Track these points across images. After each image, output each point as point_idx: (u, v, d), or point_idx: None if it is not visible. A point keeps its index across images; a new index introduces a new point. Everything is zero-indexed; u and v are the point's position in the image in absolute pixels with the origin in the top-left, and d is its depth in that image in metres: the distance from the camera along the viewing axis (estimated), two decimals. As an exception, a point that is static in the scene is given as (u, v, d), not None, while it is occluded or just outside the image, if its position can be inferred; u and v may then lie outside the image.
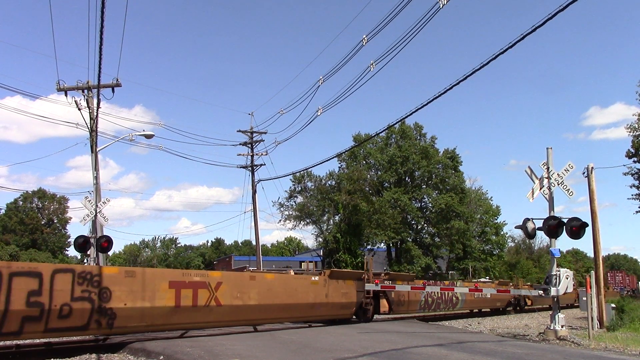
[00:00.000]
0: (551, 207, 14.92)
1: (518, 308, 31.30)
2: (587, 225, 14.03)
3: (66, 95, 24.44)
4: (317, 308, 15.79)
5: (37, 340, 11.87)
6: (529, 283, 41.78)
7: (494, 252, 68.83)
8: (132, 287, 11.24)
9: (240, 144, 38.08)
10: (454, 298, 24.08)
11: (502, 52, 12.18)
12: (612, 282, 61.22)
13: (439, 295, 22.56)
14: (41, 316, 9.89)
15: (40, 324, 9.92)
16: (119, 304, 10.99)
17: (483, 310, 29.10)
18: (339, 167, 56.69)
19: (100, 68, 13.60)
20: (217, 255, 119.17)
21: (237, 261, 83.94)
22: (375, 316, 18.74)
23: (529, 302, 32.26)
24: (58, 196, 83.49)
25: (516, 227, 15.86)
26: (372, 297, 17.97)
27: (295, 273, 18.45)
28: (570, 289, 14.93)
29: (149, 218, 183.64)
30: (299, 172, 49.83)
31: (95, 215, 19.57)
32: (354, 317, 17.64)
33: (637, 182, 37.60)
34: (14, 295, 9.50)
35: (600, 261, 22.19)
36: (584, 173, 22.26)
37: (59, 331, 10.39)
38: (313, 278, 15.99)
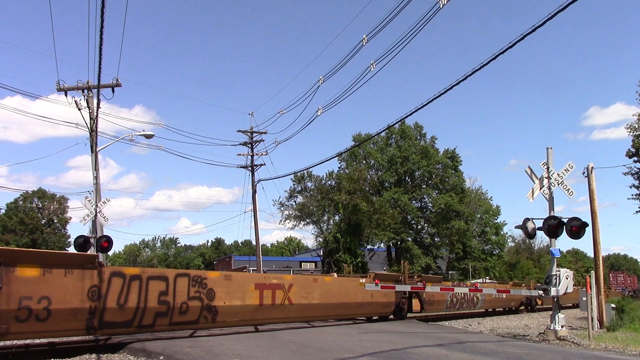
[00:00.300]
0: (551, 207, 14.92)
1: (529, 307, 32.69)
2: (587, 225, 14.02)
3: (66, 95, 24.45)
4: (364, 307, 18.00)
5: (38, 340, 11.94)
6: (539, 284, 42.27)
7: (494, 252, 68.86)
8: (230, 288, 13.23)
9: (240, 144, 38.12)
10: (474, 298, 25.91)
11: (502, 52, 12.19)
12: (614, 283, 61.96)
13: (462, 295, 24.43)
14: (167, 312, 11.90)
15: (167, 318, 11.90)
16: (220, 302, 12.94)
17: (497, 309, 30.51)
18: (339, 167, 56.75)
19: (100, 68, 13.62)
20: (217, 255, 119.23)
21: (237, 261, 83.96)
22: (408, 314, 20.59)
23: (539, 302, 33.26)
24: (58, 196, 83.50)
25: (516, 227, 15.87)
26: (407, 297, 19.99)
27: (294, 273, 19.40)
28: (570, 289, 14.92)
29: (149, 218, 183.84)
30: (299, 172, 49.89)
31: (95, 215, 19.59)
32: (391, 315, 19.61)
33: (637, 182, 37.60)
34: (149, 295, 11.49)
35: (600, 261, 22.18)
36: (584, 173, 22.26)
37: (178, 324, 12.31)
38: (361, 280, 18.05)
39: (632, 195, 38.25)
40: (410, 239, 56.05)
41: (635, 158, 36.51)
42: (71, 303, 10.22)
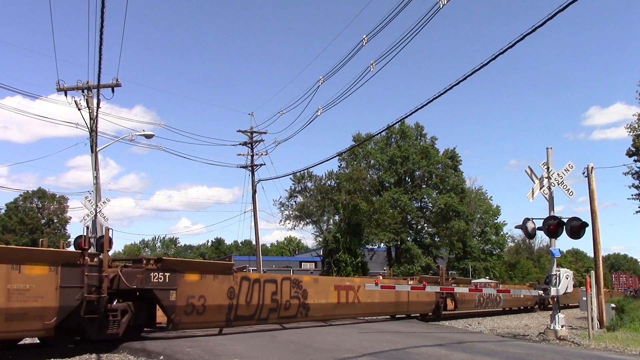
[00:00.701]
0: (551, 207, 14.92)
1: (542, 306, 34.08)
2: (587, 225, 14.03)
3: (66, 95, 24.43)
4: (412, 305, 20.93)
5: (37, 340, 11.96)
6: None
7: (494, 252, 68.86)
8: (317, 289, 16.09)
9: (240, 144, 38.10)
10: (498, 298, 28.16)
11: (502, 52, 12.18)
12: (616, 283, 63.09)
13: (488, 295, 26.70)
14: (277, 308, 14.80)
15: (276, 313, 14.83)
16: (311, 301, 15.87)
17: (513, 308, 32.65)
18: (339, 167, 56.72)
19: (100, 68, 13.61)
20: (217, 255, 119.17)
21: (237, 261, 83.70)
22: (443, 312, 23.48)
23: (551, 302, 33.38)
24: (58, 196, 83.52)
25: (516, 227, 15.88)
26: (443, 297, 22.58)
27: (294, 273, 20.23)
28: (570, 289, 14.92)
29: (149, 218, 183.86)
30: (299, 172, 49.84)
31: (95, 215, 19.58)
32: (430, 313, 22.38)
33: (637, 181, 37.59)
34: (265, 295, 14.42)
35: (600, 261, 22.17)
36: (584, 173, 22.25)
37: (283, 318, 15.24)
38: (410, 282, 21.08)
39: (632, 195, 38.26)
40: (410, 239, 56.03)
41: (635, 157, 36.50)
42: (218, 300, 13.10)
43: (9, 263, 9.35)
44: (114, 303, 11.28)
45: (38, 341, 11.61)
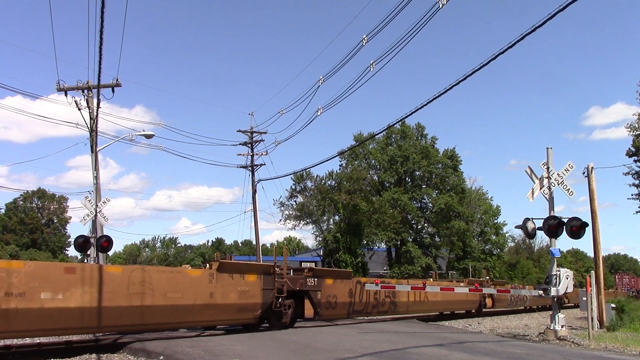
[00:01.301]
0: (551, 207, 14.92)
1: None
2: (587, 225, 14.02)
3: (66, 95, 24.43)
4: (463, 303, 25.53)
5: (38, 340, 11.96)
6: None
7: (494, 252, 68.84)
8: (401, 290, 19.72)
9: (240, 144, 38.12)
10: (525, 297, 30.51)
11: (502, 52, 12.18)
12: (619, 284, 64.55)
13: (517, 295, 29.23)
14: (377, 305, 19.17)
15: (376, 308, 19.18)
16: (397, 299, 20.33)
17: (533, 307, 34.64)
18: (340, 166, 56.70)
19: (100, 68, 13.59)
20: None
21: (237, 261, 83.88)
22: (483, 309, 27.18)
23: (565, 301, 34.32)
24: (58, 196, 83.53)
25: (516, 227, 15.88)
26: (484, 297, 26.38)
27: None
28: (570, 289, 14.92)
29: (149, 218, 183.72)
30: (299, 172, 49.83)
31: (95, 215, 19.58)
32: (473, 310, 26.44)
33: (637, 181, 37.58)
34: (370, 295, 18.51)
35: (600, 261, 22.17)
36: (583, 173, 22.25)
37: (380, 312, 19.77)
38: (461, 285, 24.54)
39: (632, 195, 38.25)
40: (410, 239, 56.02)
41: (635, 157, 36.49)
42: (343, 299, 17.26)
43: (239, 273, 13.86)
44: (284, 301, 15.14)
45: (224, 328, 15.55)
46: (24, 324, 9.64)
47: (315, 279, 16.30)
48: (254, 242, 40.71)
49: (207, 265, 14.46)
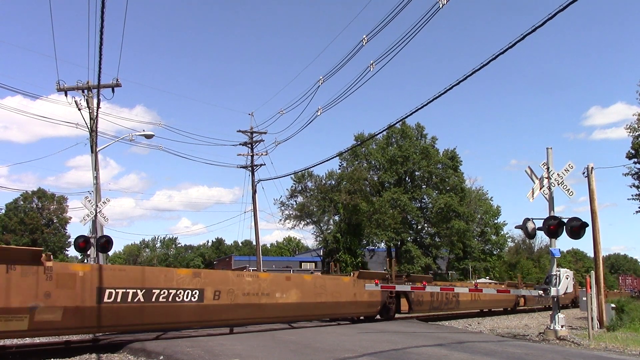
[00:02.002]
0: (551, 207, 14.91)
1: (574, 304, 37.48)
2: (587, 225, 14.00)
3: (66, 95, 24.44)
4: (500, 302, 29.36)
5: (37, 340, 11.97)
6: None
7: (494, 252, 68.85)
8: (461, 291, 22.13)
9: (240, 144, 38.11)
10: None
11: (502, 52, 12.18)
12: (623, 285, 66.66)
13: (537, 295, 32.03)
14: (447, 302, 23.74)
15: (446, 306, 23.98)
16: (461, 299, 24.62)
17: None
18: (340, 166, 56.71)
19: (100, 68, 13.57)
20: (217, 255, 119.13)
21: (237, 261, 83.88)
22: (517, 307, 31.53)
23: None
24: (57, 196, 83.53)
25: (516, 227, 15.87)
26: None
27: (294, 273, 21.64)
28: (570, 289, 14.90)
29: (149, 218, 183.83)
30: (299, 172, 49.85)
31: (95, 215, 19.57)
32: (509, 308, 30.87)
33: (637, 182, 37.59)
34: (440, 295, 22.60)
35: (600, 261, 22.16)
36: (583, 173, 22.24)
37: (449, 309, 24.77)
38: (502, 286, 28.06)
39: (632, 195, 38.26)
40: (410, 239, 56.01)
41: (635, 159, 36.48)
42: (427, 298, 21.86)
43: (369, 279, 17.99)
44: (392, 299, 19.51)
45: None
46: (269, 312, 14.80)
47: (410, 283, 20.50)
48: (254, 242, 40.68)
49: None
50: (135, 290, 11.44)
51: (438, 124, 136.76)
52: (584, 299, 18.82)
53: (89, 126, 24.56)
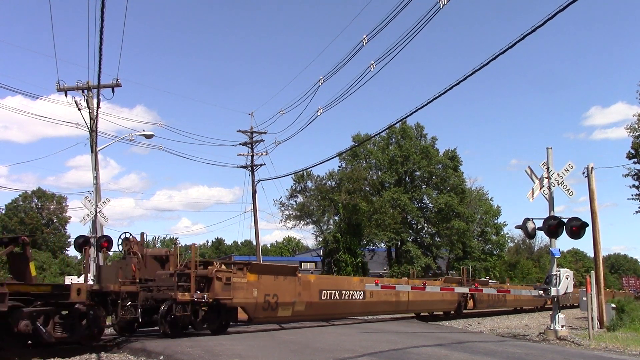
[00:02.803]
0: (551, 207, 14.91)
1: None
2: (587, 225, 14.02)
3: (66, 95, 24.43)
4: (531, 302, 32.82)
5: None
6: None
7: (494, 252, 68.84)
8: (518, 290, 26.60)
9: (240, 144, 38.10)
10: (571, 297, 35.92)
11: (502, 52, 12.19)
12: (627, 285, 68.52)
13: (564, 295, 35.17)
14: (499, 301, 29.04)
15: (498, 304, 29.58)
16: (507, 298, 29.33)
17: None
18: (339, 167, 56.66)
19: (100, 68, 13.61)
20: (217, 255, 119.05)
21: (236, 261, 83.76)
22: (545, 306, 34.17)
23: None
24: (57, 195, 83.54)
25: (516, 227, 15.88)
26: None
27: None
28: (570, 289, 14.91)
29: (150, 218, 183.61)
30: (299, 172, 49.82)
31: (95, 215, 19.58)
32: (537, 307, 34.84)
33: (637, 182, 37.55)
34: (492, 296, 27.37)
35: (601, 261, 22.16)
36: (583, 173, 22.23)
37: (500, 306, 29.92)
38: (533, 287, 29.03)
39: (632, 195, 38.21)
40: (410, 239, 55.98)
41: (635, 160, 36.44)
42: (486, 297, 27.09)
43: (451, 283, 24.26)
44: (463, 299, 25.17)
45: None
46: (398, 307, 21.28)
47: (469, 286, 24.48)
48: (254, 242, 40.68)
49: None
50: (333, 291, 17.55)
51: (438, 124, 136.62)
52: (584, 299, 18.82)
53: (89, 126, 24.56)
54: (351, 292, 18.36)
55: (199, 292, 12.82)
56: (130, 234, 14.69)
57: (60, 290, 10.69)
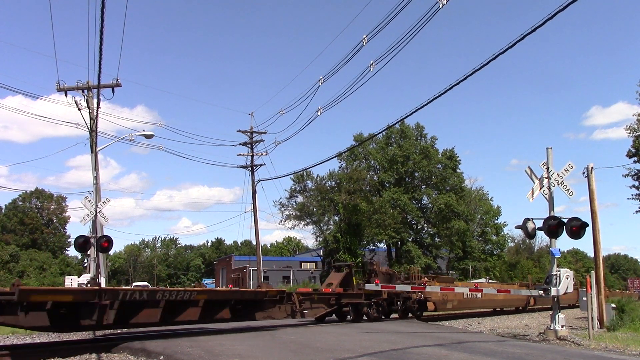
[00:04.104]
0: (551, 207, 14.90)
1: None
2: (587, 225, 13.99)
3: (66, 95, 24.43)
4: (566, 301, 32.61)
5: (38, 340, 11.96)
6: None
7: (494, 252, 68.83)
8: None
9: (240, 144, 38.13)
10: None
11: (502, 52, 12.19)
12: (631, 287, 69.75)
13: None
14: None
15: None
16: (484, 298, 29.08)
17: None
18: (339, 167, 56.70)
19: (100, 68, 13.61)
20: (217, 255, 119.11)
21: (237, 261, 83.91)
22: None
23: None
24: (56, 196, 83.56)
25: (516, 227, 15.86)
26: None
27: (294, 273, 21.62)
28: (570, 289, 14.89)
29: (150, 218, 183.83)
30: (299, 172, 49.85)
31: (95, 215, 19.55)
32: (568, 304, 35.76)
33: (637, 182, 37.56)
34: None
35: (601, 261, 22.15)
36: (583, 173, 22.22)
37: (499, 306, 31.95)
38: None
39: (632, 195, 38.22)
40: (410, 239, 56.02)
41: (635, 159, 36.46)
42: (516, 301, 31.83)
43: (523, 287, 29.34)
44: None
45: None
46: (496, 303, 29.47)
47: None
48: (254, 242, 40.68)
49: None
50: (470, 293, 24.20)
51: (438, 124, 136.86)
52: (584, 299, 18.80)
53: (89, 126, 24.56)
54: (476, 293, 24.57)
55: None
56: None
57: (376, 290, 18.47)
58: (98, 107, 23.74)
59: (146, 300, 11.65)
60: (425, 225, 58.55)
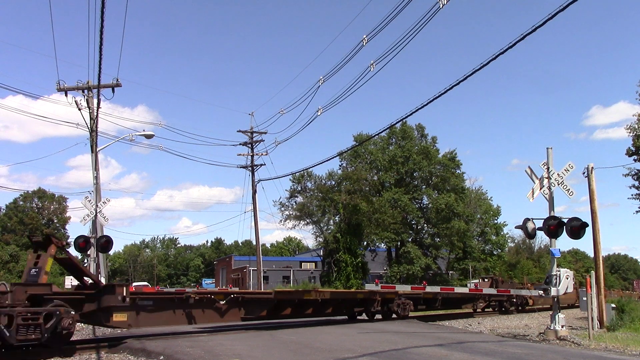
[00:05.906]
0: (551, 207, 14.90)
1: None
2: (587, 225, 13.99)
3: (66, 95, 24.45)
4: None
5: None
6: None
7: (494, 253, 68.80)
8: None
9: (240, 144, 38.15)
10: None
11: (502, 52, 12.19)
12: (637, 288, 70.98)
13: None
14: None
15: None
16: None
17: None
18: (340, 166, 56.65)
19: (100, 68, 13.62)
20: (217, 255, 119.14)
21: (237, 261, 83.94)
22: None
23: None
24: (57, 196, 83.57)
25: (516, 227, 15.86)
26: None
27: (294, 273, 21.54)
28: (570, 289, 14.90)
29: (150, 218, 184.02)
30: (299, 172, 49.82)
31: (95, 215, 19.56)
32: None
33: (637, 182, 37.54)
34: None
35: (601, 261, 22.14)
36: (583, 173, 22.22)
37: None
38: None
39: (632, 195, 38.20)
40: (410, 239, 55.98)
41: (635, 157, 36.44)
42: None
43: None
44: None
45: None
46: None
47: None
48: (254, 242, 40.68)
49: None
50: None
51: (438, 124, 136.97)
52: (584, 299, 18.80)
53: (89, 126, 24.57)
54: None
55: None
56: None
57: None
58: (98, 107, 23.77)
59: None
60: (425, 225, 58.51)
